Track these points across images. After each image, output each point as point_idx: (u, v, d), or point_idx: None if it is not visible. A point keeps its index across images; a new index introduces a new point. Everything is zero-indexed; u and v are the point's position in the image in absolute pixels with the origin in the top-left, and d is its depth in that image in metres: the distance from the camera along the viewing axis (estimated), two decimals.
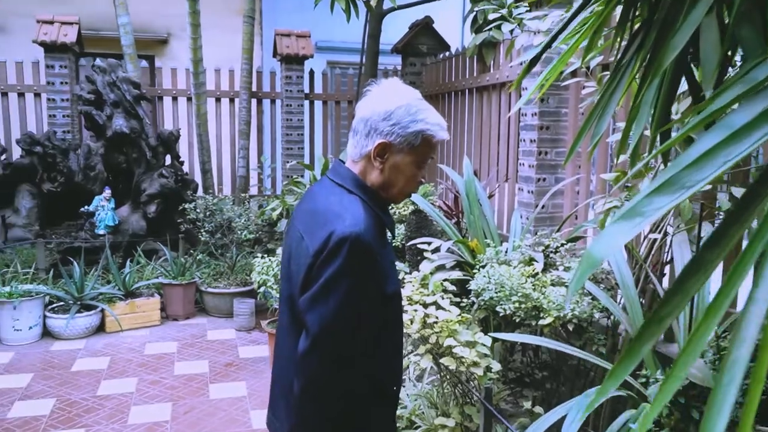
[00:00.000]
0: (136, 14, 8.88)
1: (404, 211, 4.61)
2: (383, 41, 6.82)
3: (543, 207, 4.15)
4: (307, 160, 7.32)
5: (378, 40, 6.75)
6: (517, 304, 2.67)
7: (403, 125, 1.50)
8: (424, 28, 6.66)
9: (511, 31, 4.58)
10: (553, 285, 2.80)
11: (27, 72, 6.76)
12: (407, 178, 1.56)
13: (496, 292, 2.76)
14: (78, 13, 6.93)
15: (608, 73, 2.99)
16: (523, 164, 4.40)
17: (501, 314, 2.72)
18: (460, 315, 2.66)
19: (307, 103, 7.34)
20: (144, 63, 7.36)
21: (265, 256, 4.52)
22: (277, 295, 4.38)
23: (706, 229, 2.25)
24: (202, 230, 5.72)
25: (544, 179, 4.28)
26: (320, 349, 1.43)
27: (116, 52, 6.82)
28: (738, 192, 2.27)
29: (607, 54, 3.59)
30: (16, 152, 6.34)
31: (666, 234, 2.70)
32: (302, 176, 6.13)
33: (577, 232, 3.57)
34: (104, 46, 8.74)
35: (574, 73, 4.09)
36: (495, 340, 2.67)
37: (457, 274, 3.15)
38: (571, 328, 2.62)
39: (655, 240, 2.71)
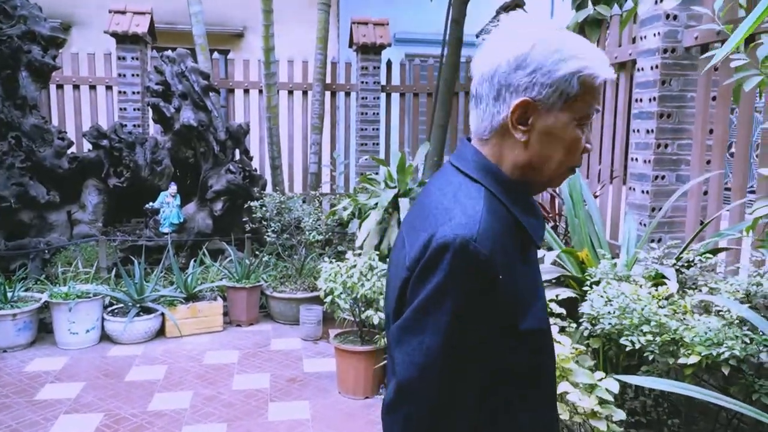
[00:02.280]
0: (212, 8, 8.70)
1: None
2: (468, 31, 6.20)
3: (661, 210, 3.45)
4: (382, 156, 6.81)
5: (462, 26, 6.14)
6: (650, 336, 2.04)
7: (546, 70, 1.02)
8: (513, 10, 6.01)
9: (620, 3, 3.90)
10: (696, 312, 2.15)
11: (99, 65, 6.60)
12: (567, 147, 1.06)
13: (619, 319, 2.13)
14: (153, 6, 6.72)
15: (761, 42, 2.30)
16: (636, 159, 3.71)
17: (627, 348, 2.09)
18: (573, 347, 2.05)
19: (383, 95, 6.85)
20: (217, 56, 7.08)
21: (333, 260, 4.03)
22: (346, 306, 3.88)
23: None
24: (268, 230, 5.32)
25: (663, 177, 3.58)
26: (408, 406, 0.99)
27: (191, 47, 6.56)
28: None
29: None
30: (86, 147, 6.16)
31: None
32: (376, 173, 5.63)
33: (713, 244, 2.87)
34: (179, 40, 8.58)
35: (704, 49, 3.38)
36: (621, 382, 2.05)
37: (563, 292, 2.54)
38: (726, 372, 1.96)
39: None
